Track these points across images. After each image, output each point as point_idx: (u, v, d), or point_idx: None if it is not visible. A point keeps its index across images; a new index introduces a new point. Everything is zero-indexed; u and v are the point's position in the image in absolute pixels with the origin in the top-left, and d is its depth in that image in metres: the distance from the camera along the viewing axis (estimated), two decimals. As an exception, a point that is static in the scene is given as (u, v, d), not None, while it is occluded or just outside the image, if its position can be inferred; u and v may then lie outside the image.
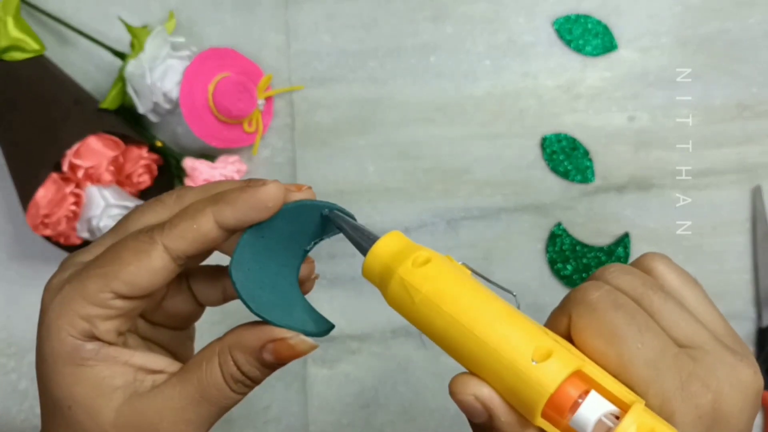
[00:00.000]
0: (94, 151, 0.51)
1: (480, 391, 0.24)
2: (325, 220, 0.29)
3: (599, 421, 0.22)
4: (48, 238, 0.53)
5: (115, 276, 0.26)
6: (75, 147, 0.50)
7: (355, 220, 0.29)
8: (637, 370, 0.24)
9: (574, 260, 0.56)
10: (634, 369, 0.24)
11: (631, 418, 0.22)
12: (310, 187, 0.29)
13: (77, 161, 0.50)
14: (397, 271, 0.26)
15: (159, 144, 0.56)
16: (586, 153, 0.57)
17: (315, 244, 0.30)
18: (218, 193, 0.27)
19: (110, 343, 0.27)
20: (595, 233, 0.57)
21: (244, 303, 0.27)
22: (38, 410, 0.59)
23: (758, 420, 0.57)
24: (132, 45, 0.54)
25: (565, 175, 0.57)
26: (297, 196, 0.28)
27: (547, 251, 0.56)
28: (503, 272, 0.57)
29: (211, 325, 0.36)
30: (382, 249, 0.27)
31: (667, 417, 0.23)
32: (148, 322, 0.32)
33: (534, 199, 0.57)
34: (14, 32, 0.54)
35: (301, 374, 0.58)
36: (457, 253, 0.57)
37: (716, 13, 0.57)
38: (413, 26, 0.58)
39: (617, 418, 0.23)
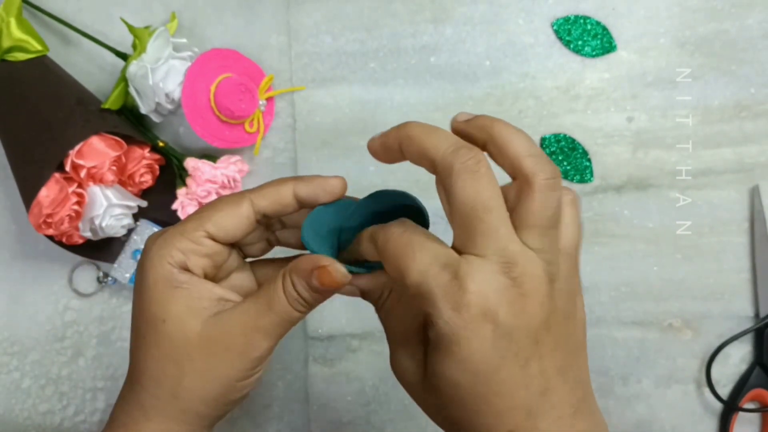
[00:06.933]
0: (97, 151, 0.51)
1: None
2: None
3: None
4: (51, 238, 0.53)
5: (209, 218, 0.34)
6: (78, 147, 0.50)
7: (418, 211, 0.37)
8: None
9: (573, 260, 0.56)
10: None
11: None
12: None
13: (80, 161, 0.50)
14: None
15: (161, 144, 0.56)
16: (585, 153, 0.57)
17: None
18: (299, 176, 0.36)
19: (198, 276, 0.34)
20: (594, 233, 0.57)
21: (304, 241, 0.35)
22: (41, 408, 0.60)
23: (757, 420, 0.57)
24: (134, 46, 0.54)
25: (564, 175, 0.57)
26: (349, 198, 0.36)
27: (547, 251, 0.57)
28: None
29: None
30: None
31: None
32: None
33: (533, 198, 0.57)
34: (17, 33, 0.54)
35: (302, 373, 0.58)
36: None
37: (714, 14, 0.57)
38: (413, 27, 0.58)
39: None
